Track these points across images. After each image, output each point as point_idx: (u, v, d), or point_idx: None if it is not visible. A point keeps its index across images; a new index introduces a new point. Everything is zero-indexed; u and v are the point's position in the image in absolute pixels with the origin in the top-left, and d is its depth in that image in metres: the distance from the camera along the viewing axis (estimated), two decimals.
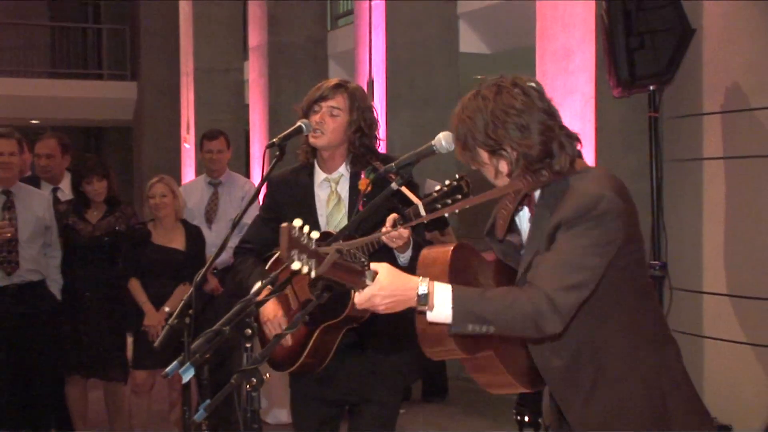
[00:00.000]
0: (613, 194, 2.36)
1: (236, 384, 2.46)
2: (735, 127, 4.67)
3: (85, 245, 5.60)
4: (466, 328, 2.34)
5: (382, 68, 7.68)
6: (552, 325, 2.32)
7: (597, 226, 2.33)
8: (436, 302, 2.34)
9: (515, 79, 2.47)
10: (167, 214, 5.60)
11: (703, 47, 4.79)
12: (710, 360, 4.80)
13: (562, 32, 5.31)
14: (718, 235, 4.77)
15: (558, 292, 2.30)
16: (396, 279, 2.36)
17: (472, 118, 2.44)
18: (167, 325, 2.81)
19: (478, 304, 2.33)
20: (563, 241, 2.36)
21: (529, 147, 2.40)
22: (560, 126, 2.46)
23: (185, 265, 5.48)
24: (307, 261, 2.21)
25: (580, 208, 2.34)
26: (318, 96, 3.46)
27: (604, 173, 2.47)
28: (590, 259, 2.33)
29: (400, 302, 2.36)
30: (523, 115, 2.40)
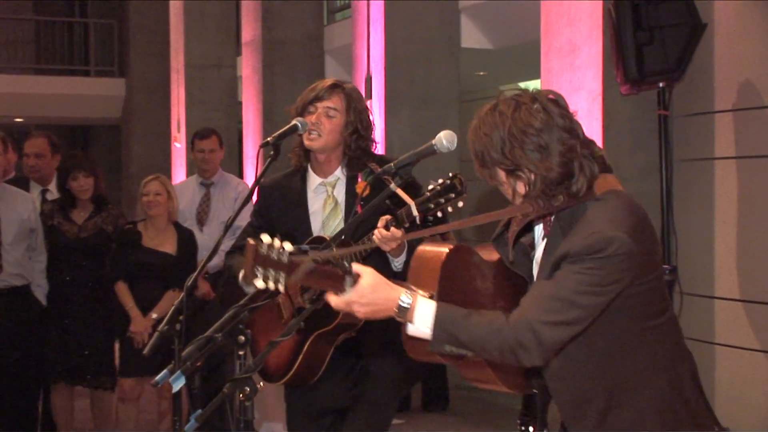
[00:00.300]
0: (626, 237, 2.31)
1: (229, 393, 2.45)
2: (748, 125, 4.67)
3: (71, 247, 5.60)
4: (443, 349, 2.35)
5: (380, 64, 7.67)
6: (532, 358, 2.31)
7: (602, 267, 2.30)
8: (417, 318, 2.34)
9: (535, 94, 2.42)
10: (159, 213, 5.59)
11: (715, 42, 4.79)
12: (722, 368, 4.80)
13: (567, 27, 5.31)
14: (730, 238, 4.77)
15: (545, 326, 2.29)
16: (378, 287, 2.35)
17: (489, 135, 2.39)
18: (157, 332, 2.81)
19: (459, 329, 2.33)
20: (565, 274, 2.33)
21: (548, 170, 2.35)
22: (582, 143, 2.42)
23: (175, 270, 5.47)
24: (275, 275, 2.21)
25: (588, 246, 2.31)
26: (313, 97, 3.46)
27: (624, 205, 2.41)
28: (587, 298, 2.30)
29: (379, 311, 2.37)
30: (542, 134, 2.35)
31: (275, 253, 2.21)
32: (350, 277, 2.32)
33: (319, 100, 3.45)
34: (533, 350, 2.29)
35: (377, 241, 3.07)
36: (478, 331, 2.32)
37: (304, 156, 3.56)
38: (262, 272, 2.20)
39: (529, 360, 2.31)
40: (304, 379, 3.44)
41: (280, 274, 2.21)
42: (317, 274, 2.28)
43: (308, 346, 3.35)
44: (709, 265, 4.86)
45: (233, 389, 2.46)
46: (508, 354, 2.31)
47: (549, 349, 2.31)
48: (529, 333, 2.28)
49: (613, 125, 5.11)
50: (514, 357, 2.31)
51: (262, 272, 2.20)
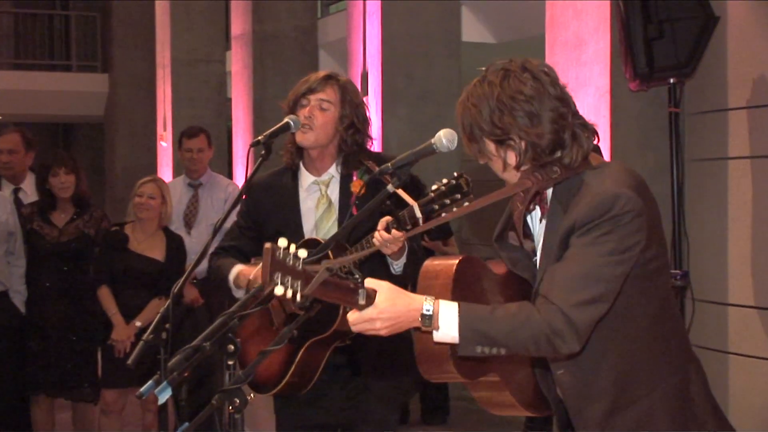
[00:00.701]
0: (632, 192, 2.35)
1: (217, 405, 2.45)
2: (763, 123, 4.68)
3: (51, 251, 5.59)
4: (475, 351, 2.33)
5: (377, 59, 7.68)
6: (569, 344, 2.31)
7: (613, 231, 2.32)
8: (441, 323, 2.33)
9: (524, 62, 2.46)
10: (150, 217, 5.58)
11: (728, 37, 4.80)
12: (736, 378, 4.80)
13: (573, 20, 5.31)
14: (744, 242, 4.77)
15: (574, 308, 2.29)
16: (397, 300, 2.34)
17: (478, 105, 2.43)
18: (142, 341, 2.80)
19: (487, 324, 2.32)
20: (577, 249, 2.35)
21: (538, 136, 2.39)
22: (574, 114, 2.46)
23: (163, 277, 5.46)
24: (292, 283, 2.20)
25: (594, 209, 2.33)
26: (306, 89, 3.45)
27: (622, 168, 2.46)
28: (608, 270, 2.32)
29: (403, 324, 2.36)
30: (533, 101, 2.39)
31: (291, 259, 2.20)
32: (363, 291, 2.31)
33: (311, 92, 3.44)
34: (568, 336, 2.29)
35: (378, 244, 3.06)
36: (507, 324, 2.32)
37: (296, 153, 3.54)
38: (280, 278, 2.18)
39: (567, 347, 2.31)
40: (296, 389, 3.43)
41: (296, 282, 2.20)
42: (331, 286, 2.27)
43: (302, 354, 3.34)
44: (722, 271, 4.86)
45: (222, 401, 2.45)
46: (544, 343, 2.31)
47: (583, 331, 2.32)
48: (560, 318, 2.29)
49: (622, 123, 5.12)
50: (551, 346, 2.31)
51: (281, 278, 2.18)
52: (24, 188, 6.13)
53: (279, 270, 2.18)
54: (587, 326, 2.32)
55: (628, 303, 2.41)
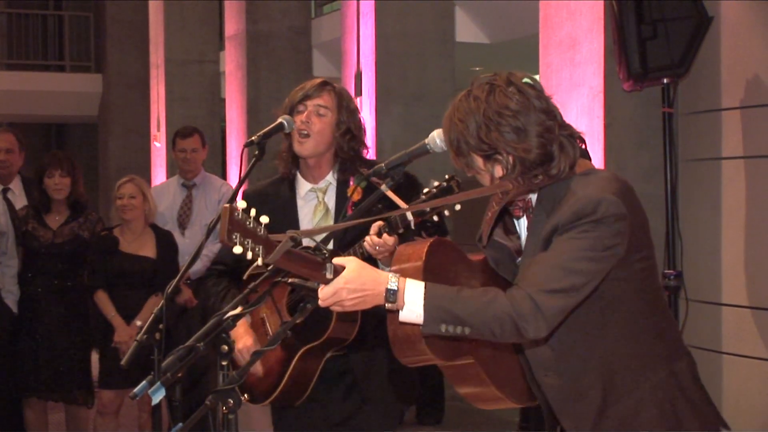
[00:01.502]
0: (615, 197, 2.36)
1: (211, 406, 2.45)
2: (756, 123, 4.68)
3: (45, 253, 5.58)
4: (439, 329, 2.34)
5: (371, 59, 7.68)
6: (534, 328, 2.31)
7: (594, 230, 2.34)
8: (407, 299, 2.34)
9: (509, 76, 2.46)
10: (135, 217, 5.58)
11: (721, 36, 4.81)
12: (730, 378, 4.81)
13: (567, 20, 5.32)
14: (738, 242, 4.78)
15: (542, 293, 2.31)
16: (364, 273, 2.36)
17: (464, 121, 2.44)
18: (135, 342, 2.80)
19: (452, 303, 2.33)
20: (556, 244, 2.37)
21: (525, 151, 2.40)
22: (561, 125, 2.47)
23: (157, 273, 5.47)
24: (253, 246, 2.20)
25: (576, 213, 2.35)
26: (302, 95, 3.45)
27: (609, 176, 2.47)
28: (583, 264, 2.33)
29: (368, 298, 2.36)
30: (519, 116, 2.40)
31: (251, 222, 2.21)
32: (330, 265, 2.32)
33: (308, 98, 3.44)
34: (533, 320, 2.30)
35: (368, 248, 3.06)
36: (473, 304, 2.33)
37: (292, 162, 3.53)
38: (240, 239, 2.19)
39: (532, 331, 2.31)
40: (292, 399, 3.42)
41: (258, 247, 2.22)
42: (296, 258, 2.27)
43: (296, 362, 3.33)
44: (716, 271, 4.87)
45: (216, 401, 2.45)
46: (509, 326, 2.31)
47: (550, 318, 2.32)
48: (527, 302, 2.30)
49: (615, 123, 5.12)
50: (515, 330, 2.31)
51: (240, 239, 2.19)
52: (12, 188, 6.11)
53: (238, 231, 2.19)
54: (554, 314, 2.32)
55: (613, 304, 2.43)
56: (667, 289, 4.80)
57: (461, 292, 2.36)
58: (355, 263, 2.36)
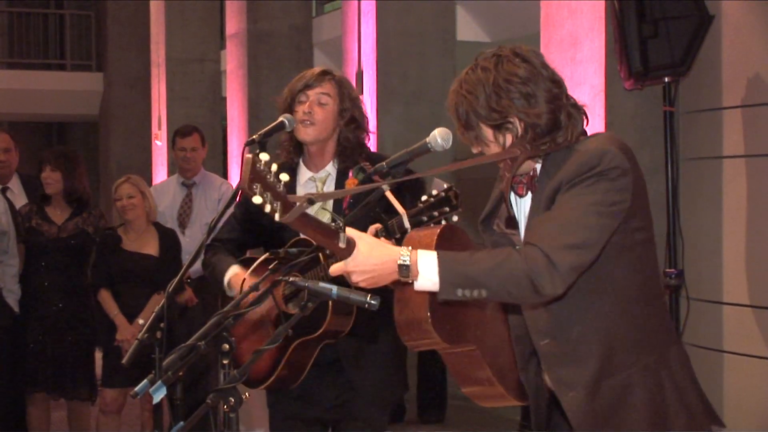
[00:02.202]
0: (618, 151, 2.37)
1: (212, 404, 2.45)
2: (757, 122, 4.68)
3: (50, 248, 5.59)
4: (456, 293, 2.32)
5: (372, 58, 7.67)
6: (550, 284, 2.30)
7: (599, 182, 2.34)
8: (421, 269, 2.33)
9: (515, 48, 2.50)
10: (136, 216, 5.59)
11: (723, 35, 4.80)
12: (731, 377, 4.80)
13: (568, 19, 5.32)
14: (739, 241, 4.77)
15: (556, 249, 2.29)
16: (375, 250, 2.34)
17: (473, 92, 2.45)
18: (136, 340, 2.81)
19: (466, 266, 2.32)
20: (563, 200, 2.37)
21: (537, 116, 2.42)
22: (567, 96, 2.49)
23: (160, 271, 5.47)
24: (272, 201, 2.18)
25: (580, 166, 2.36)
26: (303, 85, 3.46)
27: (610, 134, 2.50)
28: (592, 218, 2.33)
29: (381, 276, 2.36)
30: (528, 83, 2.43)
31: (272, 176, 2.19)
32: (343, 234, 2.31)
33: (309, 87, 3.45)
34: (549, 276, 2.28)
35: None
36: (487, 264, 2.31)
37: (294, 150, 3.55)
38: (260, 189, 2.17)
39: (549, 287, 2.30)
40: (286, 384, 3.46)
41: (276, 203, 2.19)
42: (312, 221, 2.26)
43: (290, 353, 3.36)
44: (717, 269, 4.87)
45: (217, 400, 2.45)
46: (525, 284, 2.29)
47: (565, 274, 2.31)
48: (541, 259, 2.29)
49: (617, 122, 5.12)
50: (532, 287, 2.29)
51: (260, 190, 2.17)
52: (11, 187, 6.12)
53: (259, 182, 2.17)
54: (569, 270, 2.31)
55: (613, 270, 2.43)
56: (668, 288, 4.80)
57: (474, 254, 2.35)
58: (365, 243, 2.34)
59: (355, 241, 2.34)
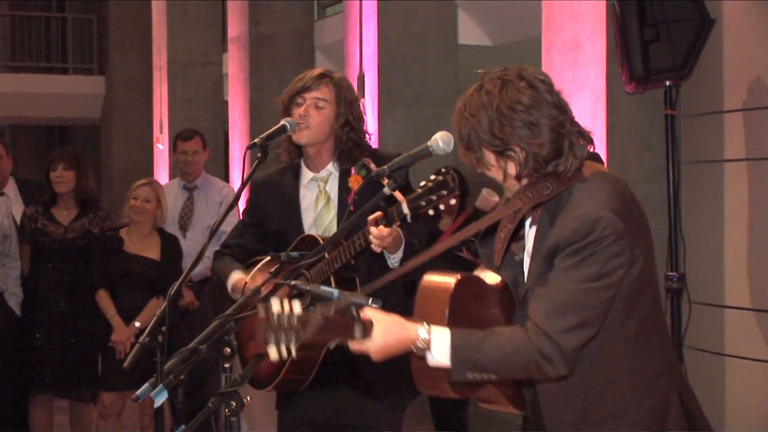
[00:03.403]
0: (612, 215, 2.35)
1: (214, 408, 2.45)
2: (758, 125, 4.68)
3: (56, 249, 5.59)
4: (466, 376, 2.38)
5: (373, 61, 7.68)
6: (558, 369, 2.36)
7: (595, 254, 2.33)
8: (434, 351, 2.38)
9: (521, 71, 2.45)
10: (145, 220, 5.58)
11: (724, 39, 4.81)
12: (732, 380, 4.80)
13: (570, 22, 5.32)
14: (740, 244, 4.77)
15: (561, 334, 2.33)
16: (391, 332, 2.38)
17: (476, 116, 2.43)
18: (138, 344, 2.80)
19: (478, 353, 2.36)
20: (561, 274, 2.37)
21: (539, 146, 2.39)
22: (571, 121, 2.46)
23: (159, 276, 5.46)
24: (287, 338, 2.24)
25: (575, 232, 2.35)
26: (300, 87, 3.47)
27: (608, 184, 2.45)
28: (592, 296, 2.34)
29: (396, 352, 2.41)
30: (532, 110, 2.39)
31: (285, 318, 2.24)
32: (359, 325, 2.35)
33: (306, 90, 3.46)
34: (557, 360, 2.34)
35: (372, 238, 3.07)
36: (498, 353, 2.36)
37: (294, 152, 3.57)
38: (274, 339, 2.23)
39: (554, 371, 2.36)
40: (294, 385, 3.44)
41: (291, 336, 2.24)
42: (327, 328, 2.30)
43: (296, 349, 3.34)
44: (719, 273, 4.87)
45: (219, 404, 2.45)
46: (534, 368, 2.36)
47: (570, 356, 2.35)
48: (548, 344, 2.33)
49: (618, 125, 5.12)
50: (540, 370, 2.36)
51: (275, 338, 2.23)
52: (7, 193, 6.11)
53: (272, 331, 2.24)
54: (574, 351, 2.36)
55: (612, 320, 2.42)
56: (670, 292, 4.80)
57: (486, 340, 2.38)
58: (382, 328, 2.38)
59: (371, 322, 2.37)
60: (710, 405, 4.81)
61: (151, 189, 5.63)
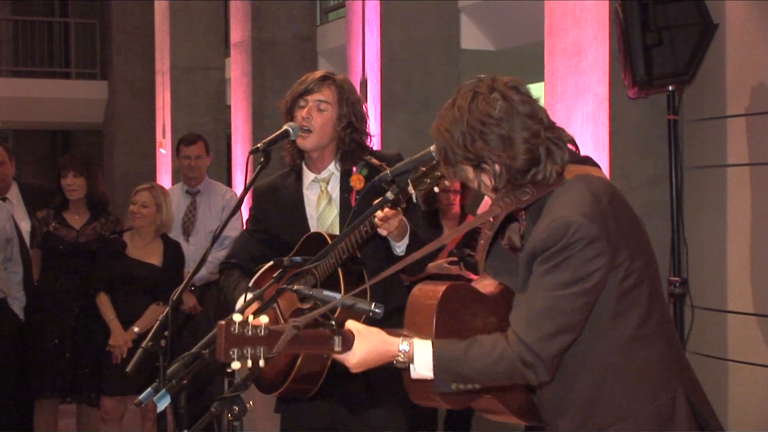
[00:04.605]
0: (584, 219, 2.34)
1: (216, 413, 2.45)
2: (762, 130, 4.68)
3: (69, 253, 5.61)
4: (450, 388, 2.40)
5: (376, 67, 7.68)
6: (539, 375, 2.37)
7: (567, 260, 2.34)
8: (416, 364, 2.40)
9: (493, 82, 2.44)
10: (143, 225, 5.58)
11: (727, 44, 4.81)
12: (736, 385, 4.80)
13: (572, 27, 5.32)
14: (743, 249, 4.77)
15: (539, 342, 2.34)
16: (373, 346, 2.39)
17: (450, 131, 2.43)
18: (141, 348, 2.81)
19: (460, 365, 2.38)
20: (538, 279, 2.38)
21: (511, 158, 2.39)
22: (547, 128, 2.44)
23: (160, 282, 5.47)
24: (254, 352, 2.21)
25: (548, 237, 2.36)
26: (303, 89, 3.48)
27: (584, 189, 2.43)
28: (566, 302, 2.35)
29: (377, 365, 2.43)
30: (503, 123, 2.38)
31: (250, 329, 2.22)
32: (338, 338, 2.34)
33: (309, 93, 3.47)
34: (538, 367, 2.35)
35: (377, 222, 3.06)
36: (481, 364, 2.37)
37: (297, 154, 3.58)
38: (237, 353, 2.20)
39: (536, 378, 2.38)
40: (302, 391, 3.42)
41: (258, 349, 2.22)
42: (302, 341, 2.28)
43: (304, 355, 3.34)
44: (722, 278, 4.86)
45: (221, 409, 2.45)
46: (517, 377, 2.38)
47: (550, 363, 2.37)
48: (527, 353, 2.34)
49: (621, 130, 5.12)
50: (523, 378, 2.38)
51: (238, 353, 2.20)
52: (10, 198, 6.12)
53: (235, 345, 2.20)
54: (553, 357, 2.37)
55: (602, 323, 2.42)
56: (673, 297, 4.80)
57: (468, 351, 2.38)
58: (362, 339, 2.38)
59: (352, 335, 2.38)
60: None
61: (149, 194, 5.62)
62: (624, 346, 2.44)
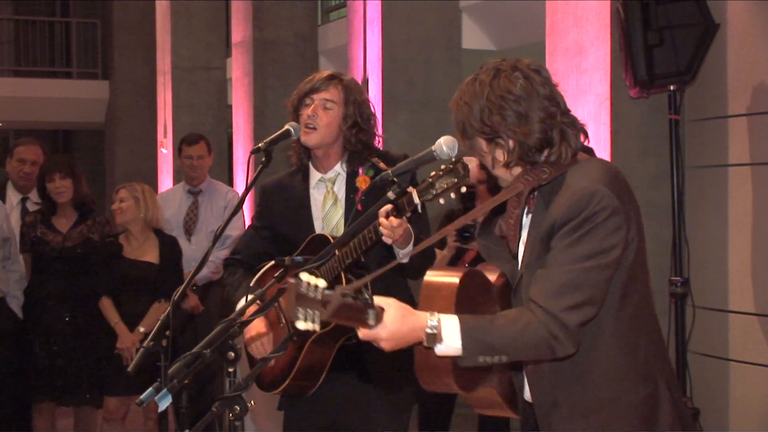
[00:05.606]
0: (607, 189, 2.39)
1: (218, 412, 2.45)
2: (763, 130, 4.68)
3: (56, 257, 5.58)
4: (477, 360, 2.39)
5: (377, 66, 7.68)
6: (566, 347, 2.38)
7: (592, 229, 2.37)
8: (445, 336, 2.38)
9: (516, 62, 2.52)
10: (126, 221, 5.54)
11: (728, 43, 4.81)
12: (737, 385, 4.80)
13: (574, 27, 5.32)
14: (745, 249, 4.77)
15: (565, 312, 2.35)
16: (403, 321, 2.38)
17: (469, 104, 2.49)
18: (142, 348, 2.81)
19: (488, 334, 2.37)
20: (561, 252, 2.40)
21: (525, 135, 2.44)
22: (563, 112, 2.50)
23: (160, 279, 5.45)
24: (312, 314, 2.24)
25: (571, 208, 2.38)
26: (309, 88, 3.48)
27: (599, 165, 2.51)
28: (592, 275, 2.37)
29: (408, 342, 2.41)
30: (522, 101, 2.45)
31: (312, 291, 2.25)
32: (372, 311, 2.35)
33: (315, 91, 3.48)
34: (564, 338, 2.36)
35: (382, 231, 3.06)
36: (508, 332, 2.37)
37: (304, 153, 3.58)
38: (302, 312, 2.23)
39: (563, 349, 2.38)
40: (303, 389, 3.44)
41: (315, 312, 2.25)
42: (344, 310, 2.30)
43: (305, 352, 3.34)
44: (723, 278, 4.86)
45: (222, 408, 2.46)
46: (544, 348, 2.37)
47: (576, 334, 2.38)
48: (554, 323, 2.35)
49: (622, 130, 5.12)
50: (550, 350, 2.38)
51: (303, 312, 2.23)
52: (31, 198, 6.12)
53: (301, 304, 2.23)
54: (579, 328, 2.38)
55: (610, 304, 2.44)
56: (674, 296, 4.80)
57: (495, 321, 2.40)
58: (393, 312, 2.38)
59: (383, 309, 2.38)
60: (714, 410, 4.80)
61: (125, 191, 5.59)
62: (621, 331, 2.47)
